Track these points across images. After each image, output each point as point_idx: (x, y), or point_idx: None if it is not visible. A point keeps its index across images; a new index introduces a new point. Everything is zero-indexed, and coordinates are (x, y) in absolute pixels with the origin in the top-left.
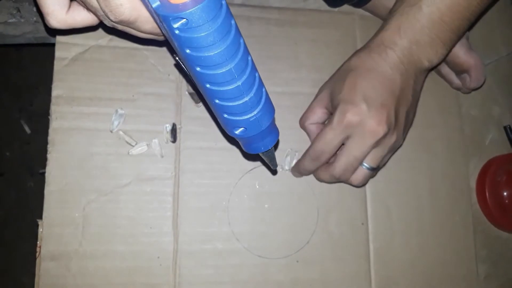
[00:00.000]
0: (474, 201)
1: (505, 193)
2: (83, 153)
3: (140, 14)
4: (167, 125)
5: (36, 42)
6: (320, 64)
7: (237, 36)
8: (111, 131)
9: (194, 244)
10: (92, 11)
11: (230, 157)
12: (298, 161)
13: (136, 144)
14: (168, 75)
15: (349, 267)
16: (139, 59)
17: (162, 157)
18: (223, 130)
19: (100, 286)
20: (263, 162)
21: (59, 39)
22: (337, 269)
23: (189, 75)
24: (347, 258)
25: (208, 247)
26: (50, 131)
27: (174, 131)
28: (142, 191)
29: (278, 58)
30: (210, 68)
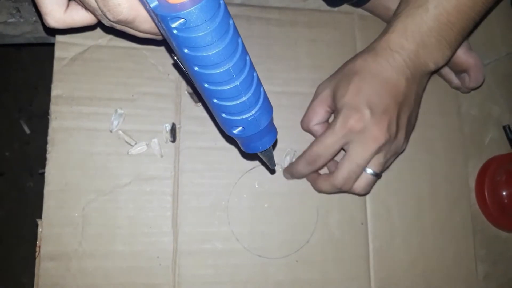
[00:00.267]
0: (474, 201)
1: (505, 193)
2: (83, 153)
3: (138, 14)
4: (167, 125)
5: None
6: (320, 64)
7: (235, 36)
8: (111, 131)
9: (194, 244)
10: (91, 11)
11: (230, 157)
12: (292, 164)
13: (136, 144)
14: (168, 75)
15: (349, 267)
16: (139, 59)
17: (162, 157)
18: (222, 130)
19: (100, 286)
20: (262, 162)
21: (59, 39)
22: (337, 269)
23: (187, 75)
24: (347, 258)
25: (208, 247)
26: (50, 131)
27: (174, 131)
28: (142, 191)
29: (278, 58)
30: (208, 68)
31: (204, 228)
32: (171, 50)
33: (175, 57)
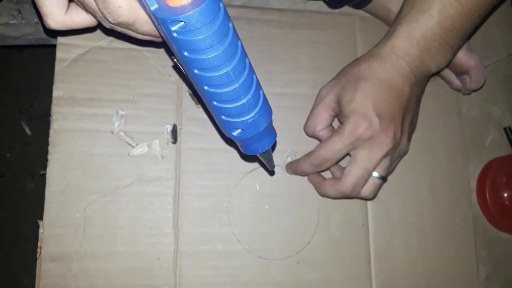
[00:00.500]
0: (475, 202)
1: (505, 194)
2: (84, 154)
3: (138, 16)
4: (168, 126)
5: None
6: (320, 66)
7: (235, 39)
8: (112, 132)
9: (195, 245)
10: (91, 13)
11: (231, 158)
12: (296, 161)
13: (137, 145)
14: (169, 76)
15: (350, 268)
16: (140, 61)
17: (163, 158)
18: (221, 132)
19: (101, 287)
20: (261, 164)
21: (60, 41)
22: (338, 270)
23: (187, 77)
24: (348, 259)
25: (209, 248)
26: (51, 132)
27: (175, 132)
28: (143, 192)
29: (278, 60)
30: (208, 71)
31: (205, 229)
32: (171, 52)
33: (175, 60)
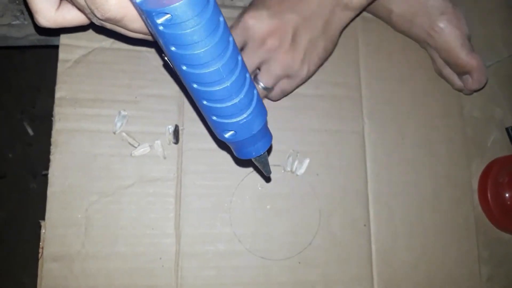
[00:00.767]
0: (476, 203)
1: (507, 195)
2: (86, 155)
3: (127, 12)
4: (170, 127)
5: (39, 44)
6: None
7: (226, 34)
8: (114, 133)
9: (196, 246)
10: (80, 9)
11: (232, 159)
12: None
13: (139, 146)
14: (171, 77)
15: (351, 269)
16: (142, 61)
17: (165, 159)
18: (214, 134)
19: (102, 287)
20: (256, 168)
21: (63, 42)
22: (339, 271)
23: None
24: (349, 260)
25: (210, 249)
26: (53, 133)
27: (177, 133)
28: (145, 192)
29: None
30: (197, 67)
31: (207, 230)
32: (161, 51)
33: (166, 58)
